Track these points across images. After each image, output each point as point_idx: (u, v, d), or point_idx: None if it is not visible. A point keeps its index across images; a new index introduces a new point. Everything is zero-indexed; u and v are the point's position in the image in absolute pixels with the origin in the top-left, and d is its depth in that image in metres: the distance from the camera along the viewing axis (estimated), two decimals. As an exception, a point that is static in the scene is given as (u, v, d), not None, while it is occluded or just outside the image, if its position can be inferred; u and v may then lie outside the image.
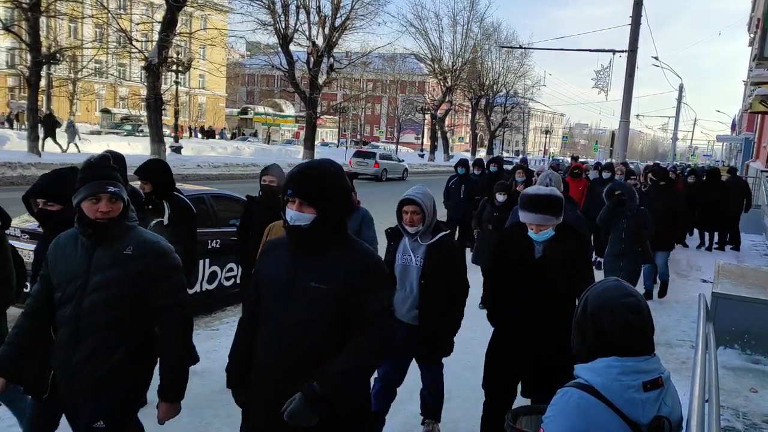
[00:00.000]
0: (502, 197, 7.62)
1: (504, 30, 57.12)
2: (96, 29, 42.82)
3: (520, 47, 40.41)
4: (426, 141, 58.63)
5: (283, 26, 31.95)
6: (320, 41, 33.06)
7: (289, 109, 66.11)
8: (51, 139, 24.86)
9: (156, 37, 25.55)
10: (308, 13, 33.06)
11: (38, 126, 22.54)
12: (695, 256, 12.61)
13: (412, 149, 62.51)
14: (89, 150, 23.66)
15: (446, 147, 51.77)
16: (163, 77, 27.18)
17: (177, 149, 28.86)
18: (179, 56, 28.30)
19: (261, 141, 53.21)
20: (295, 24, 32.57)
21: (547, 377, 3.48)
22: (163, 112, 26.90)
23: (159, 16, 26.93)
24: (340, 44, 34.67)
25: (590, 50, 23.31)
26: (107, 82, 52.31)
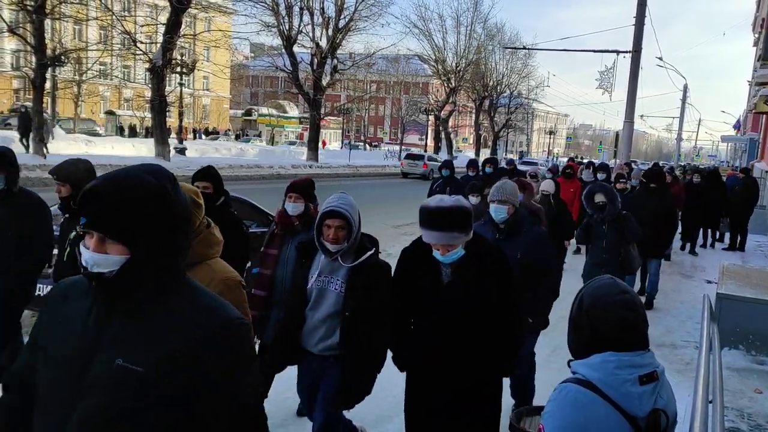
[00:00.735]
0: (476, 199, 7.09)
1: (508, 31, 57.11)
2: (101, 31, 42.94)
3: (524, 48, 40.33)
4: (430, 142, 58.62)
5: (287, 28, 32.03)
6: (324, 43, 33.12)
7: (293, 111, 66.19)
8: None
9: (160, 39, 25.64)
10: (312, 15, 33.14)
11: (43, 127, 22.61)
12: (700, 257, 12.61)
13: (416, 150, 62.52)
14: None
15: (450, 148, 51.73)
16: (168, 79, 27.26)
17: (181, 150, 28.92)
18: (183, 58, 28.33)
19: (265, 142, 53.37)
20: (299, 25, 32.68)
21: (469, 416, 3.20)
22: (168, 114, 26.99)
23: (163, 18, 27.00)
24: (344, 45, 34.75)
25: (594, 51, 23.31)
26: (112, 84, 52.45)
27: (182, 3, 23.93)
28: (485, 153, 57.28)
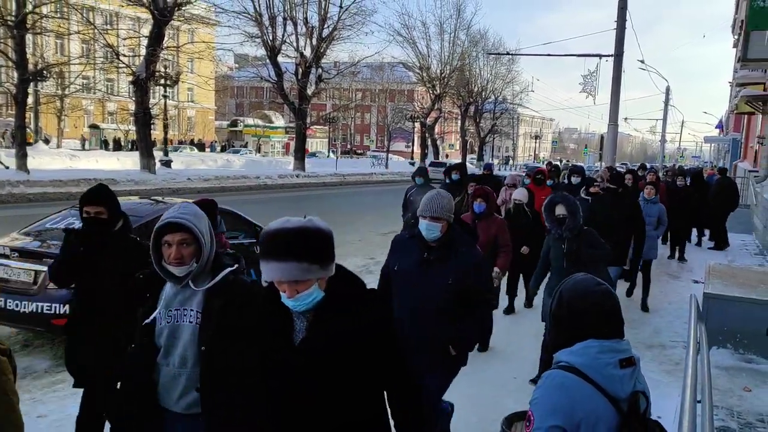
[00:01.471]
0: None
1: (491, 37, 57.71)
2: (83, 45, 42.72)
3: (508, 54, 40.63)
4: (416, 149, 58.76)
5: (271, 38, 32.07)
6: (308, 52, 33.20)
7: (279, 121, 66.12)
8: None
9: (143, 52, 25.57)
10: (295, 25, 33.23)
11: (25, 143, 22.41)
12: (687, 256, 12.68)
13: (403, 157, 62.64)
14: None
15: (436, 154, 51.89)
16: (152, 91, 27.18)
17: (167, 163, 28.80)
18: (167, 70, 28.31)
19: (252, 152, 53.30)
20: (283, 36, 32.76)
21: None
22: (152, 126, 26.87)
23: (146, 31, 26.93)
24: (328, 55, 34.88)
25: (577, 55, 23.46)
26: (95, 98, 52.15)
27: (165, 15, 23.92)
28: (472, 158, 57.62)
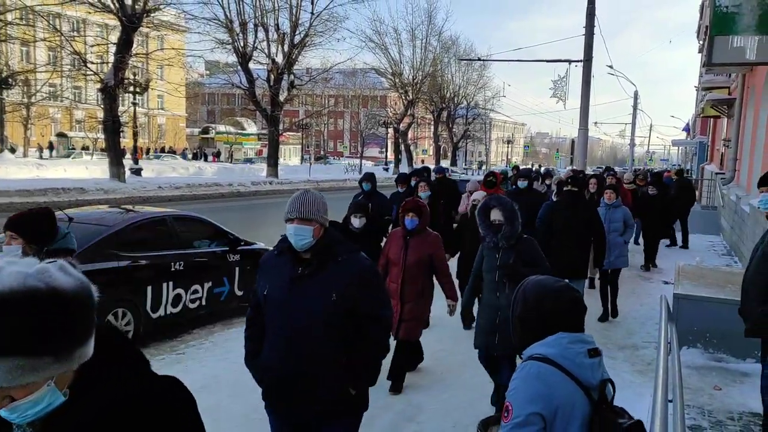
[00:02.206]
0: (359, 221, 5.94)
1: (462, 43, 57.70)
2: (49, 52, 42.00)
3: (479, 59, 40.86)
4: (390, 154, 58.86)
5: (242, 45, 31.88)
6: (280, 59, 33.05)
7: (251, 127, 65.75)
8: None
9: (112, 59, 25.21)
10: (267, 31, 33.08)
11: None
12: (657, 259, 12.86)
13: (376, 163, 62.74)
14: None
15: (410, 160, 52.01)
16: (121, 99, 26.81)
17: (137, 171, 28.39)
18: (136, 77, 27.90)
19: (224, 160, 52.88)
20: (254, 42, 32.58)
21: None
22: (122, 134, 26.50)
23: (114, 38, 26.56)
24: (300, 61, 34.73)
25: (547, 61, 23.75)
26: (62, 106, 51.26)
27: (133, 22, 23.63)
28: (445, 164, 57.88)
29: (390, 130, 53.54)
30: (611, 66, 33.98)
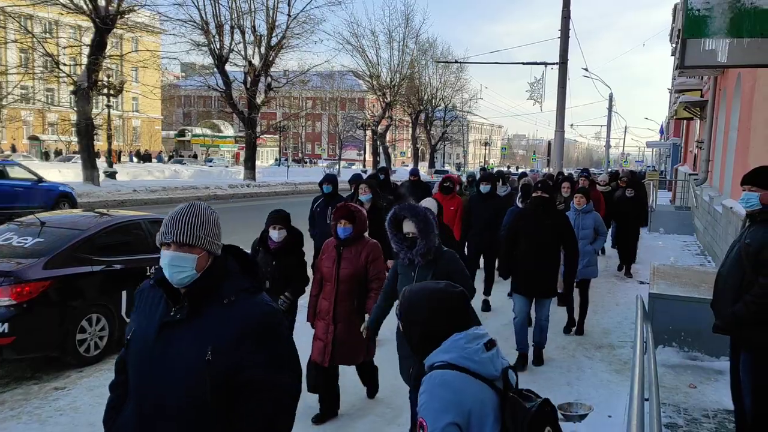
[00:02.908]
0: (278, 234, 5.00)
1: (440, 45, 58.49)
2: (21, 54, 41.29)
3: (456, 62, 41.17)
4: (368, 157, 58.88)
5: (218, 47, 31.68)
6: (257, 61, 32.89)
7: (228, 130, 65.31)
8: None
9: (85, 61, 24.85)
10: (243, 33, 32.91)
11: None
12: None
13: (354, 165, 62.66)
14: None
15: (388, 162, 52.09)
16: (94, 101, 26.41)
17: (111, 174, 28.01)
18: (110, 79, 27.51)
19: (201, 163, 52.41)
20: (230, 44, 32.37)
21: None
22: (96, 137, 26.12)
23: (87, 39, 26.15)
24: (278, 63, 34.64)
25: (523, 63, 23.94)
26: (34, 108, 50.41)
27: (106, 23, 23.32)
28: (423, 166, 58.05)
29: (368, 133, 53.59)
30: (586, 68, 34.39)
